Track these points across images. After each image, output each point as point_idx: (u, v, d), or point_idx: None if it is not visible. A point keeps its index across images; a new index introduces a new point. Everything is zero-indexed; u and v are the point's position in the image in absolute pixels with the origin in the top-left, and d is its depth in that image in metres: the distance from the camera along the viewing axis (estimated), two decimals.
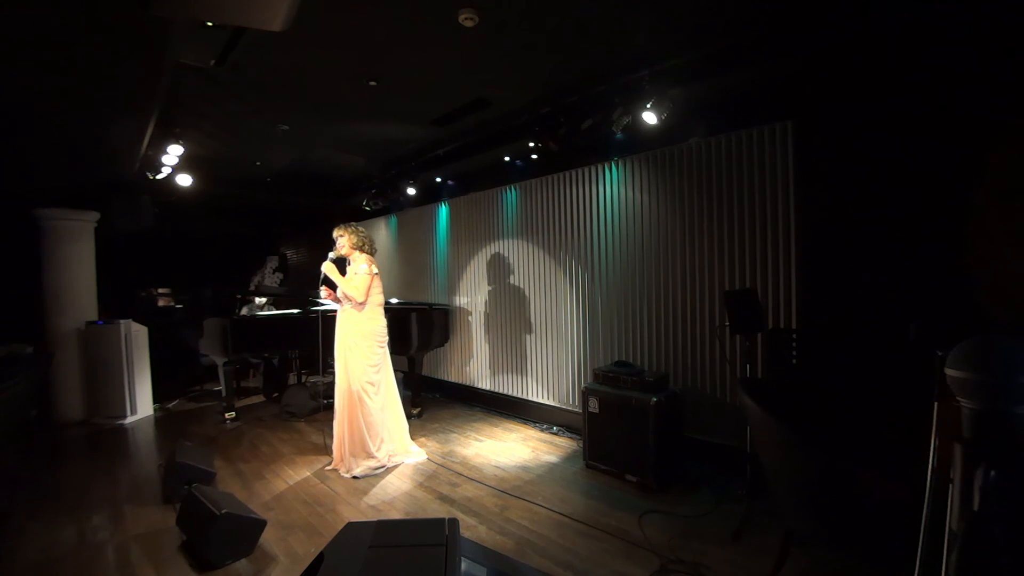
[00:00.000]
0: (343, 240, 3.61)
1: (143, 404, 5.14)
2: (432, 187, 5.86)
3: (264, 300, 6.30)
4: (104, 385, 4.97)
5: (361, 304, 3.52)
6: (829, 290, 3.01)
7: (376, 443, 3.51)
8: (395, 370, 3.80)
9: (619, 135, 3.49)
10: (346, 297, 3.54)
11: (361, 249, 3.63)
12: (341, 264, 3.62)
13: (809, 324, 3.05)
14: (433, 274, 5.97)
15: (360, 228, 3.68)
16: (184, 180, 4.55)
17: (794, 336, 3.05)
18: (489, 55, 2.95)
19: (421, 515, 2.89)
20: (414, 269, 6.32)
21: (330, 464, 3.58)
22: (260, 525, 2.51)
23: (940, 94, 2.56)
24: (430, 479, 3.41)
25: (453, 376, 5.70)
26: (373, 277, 3.55)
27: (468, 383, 5.47)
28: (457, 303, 5.59)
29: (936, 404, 1.34)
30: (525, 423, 4.66)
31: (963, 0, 2.35)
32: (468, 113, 3.89)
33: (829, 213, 3.00)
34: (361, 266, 3.55)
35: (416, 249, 6.27)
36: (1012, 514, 1.06)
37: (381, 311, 3.67)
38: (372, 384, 3.53)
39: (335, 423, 3.55)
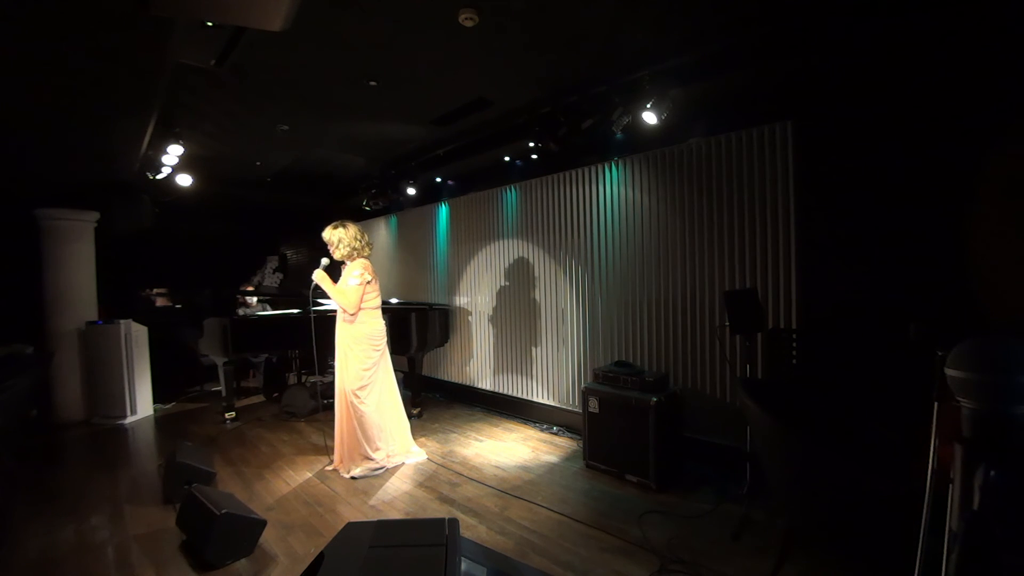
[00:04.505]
0: (332, 248, 3.57)
1: (143, 404, 5.14)
2: (432, 187, 5.86)
3: (255, 300, 6.29)
4: (104, 385, 4.97)
5: (352, 315, 3.49)
6: (829, 290, 3.01)
7: (373, 444, 3.50)
8: (395, 370, 3.80)
9: (619, 135, 3.49)
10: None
11: (359, 254, 3.58)
12: (334, 268, 3.59)
13: (809, 324, 3.05)
14: (433, 274, 5.97)
15: (351, 229, 3.58)
16: (184, 180, 4.55)
17: (794, 336, 3.05)
18: (489, 55, 2.94)
19: (421, 515, 2.89)
20: (414, 269, 6.32)
21: (330, 464, 3.58)
22: (260, 525, 2.51)
23: (940, 93, 2.56)
24: (430, 479, 3.41)
25: (453, 376, 5.70)
26: (364, 286, 3.48)
27: (468, 383, 5.48)
28: (457, 303, 5.59)
29: (936, 404, 1.34)
30: (525, 423, 4.66)
31: (962, 1, 2.35)
32: (468, 113, 3.89)
33: (829, 213, 3.00)
34: (352, 278, 3.47)
35: (416, 249, 6.27)
36: (1012, 514, 1.06)
37: (378, 314, 3.63)
38: (364, 387, 3.49)
39: (335, 424, 3.55)
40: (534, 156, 4.54)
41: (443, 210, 5.77)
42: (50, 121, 3.30)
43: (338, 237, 3.56)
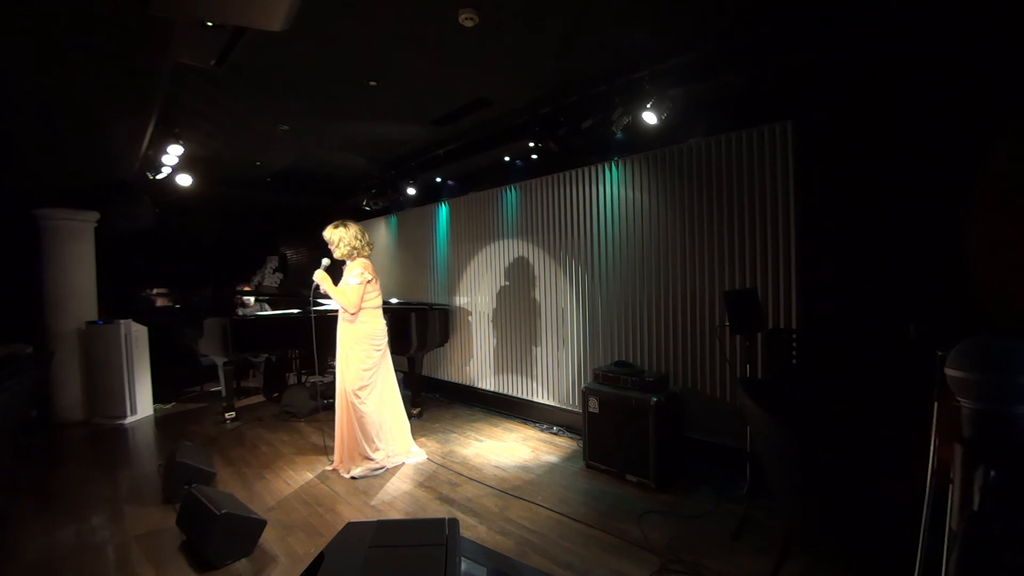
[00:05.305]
0: (332, 247, 3.58)
1: (143, 404, 5.14)
2: (432, 187, 5.86)
3: (252, 300, 6.29)
4: (104, 385, 4.97)
5: (353, 315, 3.49)
6: (829, 290, 3.01)
7: (374, 445, 3.50)
8: (395, 370, 3.80)
9: (619, 135, 3.49)
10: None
11: (359, 253, 3.59)
12: (335, 268, 3.59)
13: (809, 324, 3.05)
14: (433, 274, 5.97)
15: (352, 228, 3.58)
16: (184, 180, 4.54)
17: (794, 336, 3.05)
18: (489, 55, 2.94)
19: (421, 515, 2.89)
20: (414, 269, 6.32)
21: (331, 464, 3.58)
22: (260, 525, 2.51)
23: (940, 93, 2.56)
24: (430, 479, 3.41)
25: (453, 376, 5.70)
26: (365, 285, 3.49)
27: (468, 383, 5.48)
28: (457, 303, 5.59)
29: (936, 404, 1.34)
30: (525, 423, 4.66)
31: (963, 1, 2.35)
32: (468, 113, 3.89)
33: (829, 212, 3.00)
34: (352, 278, 3.48)
35: (416, 249, 6.27)
36: (1012, 514, 1.06)
37: (378, 313, 3.64)
38: (364, 387, 3.50)
39: (336, 424, 3.55)
40: (534, 156, 4.54)
41: (443, 210, 5.77)
42: (50, 121, 3.30)
43: (339, 236, 3.56)
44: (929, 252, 2.63)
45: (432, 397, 5.70)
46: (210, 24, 2.25)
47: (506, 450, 3.96)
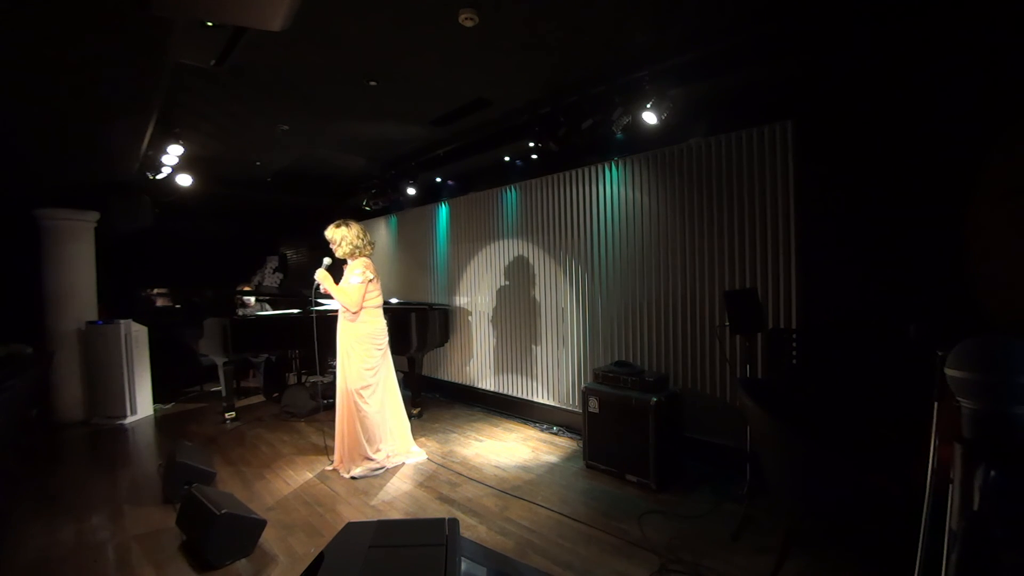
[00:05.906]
0: (334, 246, 3.59)
1: (143, 404, 5.14)
2: (432, 187, 5.86)
3: (253, 300, 6.29)
4: (104, 385, 4.97)
5: (355, 314, 3.50)
6: (829, 290, 3.01)
7: (374, 445, 3.50)
8: (395, 370, 3.80)
9: (619, 135, 3.48)
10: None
11: (360, 253, 3.60)
12: (336, 268, 3.59)
13: (809, 324, 3.05)
14: (433, 274, 5.97)
15: (354, 227, 3.59)
16: (184, 180, 4.55)
17: (794, 336, 3.05)
18: (489, 55, 2.94)
19: (421, 515, 2.89)
20: (414, 269, 6.32)
21: (331, 465, 3.58)
22: (260, 525, 2.51)
23: (940, 94, 2.56)
24: (430, 479, 3.41)
25: (453, 376, 5.70)
26: (367, 284, 3.50)
27: (468, 383, 5.48)
28: (457, 303, 5.59)
29: (936, 404, 1.34)
30: (525, 423, 4.66)
31: (962, 2, 2.35)
32: (468, 113, 3.89)
33: (829, 213, 3.00)
34: (354, 277, 3.49)
35: (416, 249, 6.28)
36: (1012, 514, 1.06)
37: (379, 313, 3.64)
38: (368, 387, 3.50)
39: (336, 424, 3.55)
40: (534, 156, 4.54)
41: (443, 210, 5.77)
42: (50, 121, 3.30)
43: (341, 235, 3.57)
44: (929, 252, 2.62)
45: (432, 397, 5.70)
46: (210, 24, 2.25)
47: (506, 450, 3.96)
